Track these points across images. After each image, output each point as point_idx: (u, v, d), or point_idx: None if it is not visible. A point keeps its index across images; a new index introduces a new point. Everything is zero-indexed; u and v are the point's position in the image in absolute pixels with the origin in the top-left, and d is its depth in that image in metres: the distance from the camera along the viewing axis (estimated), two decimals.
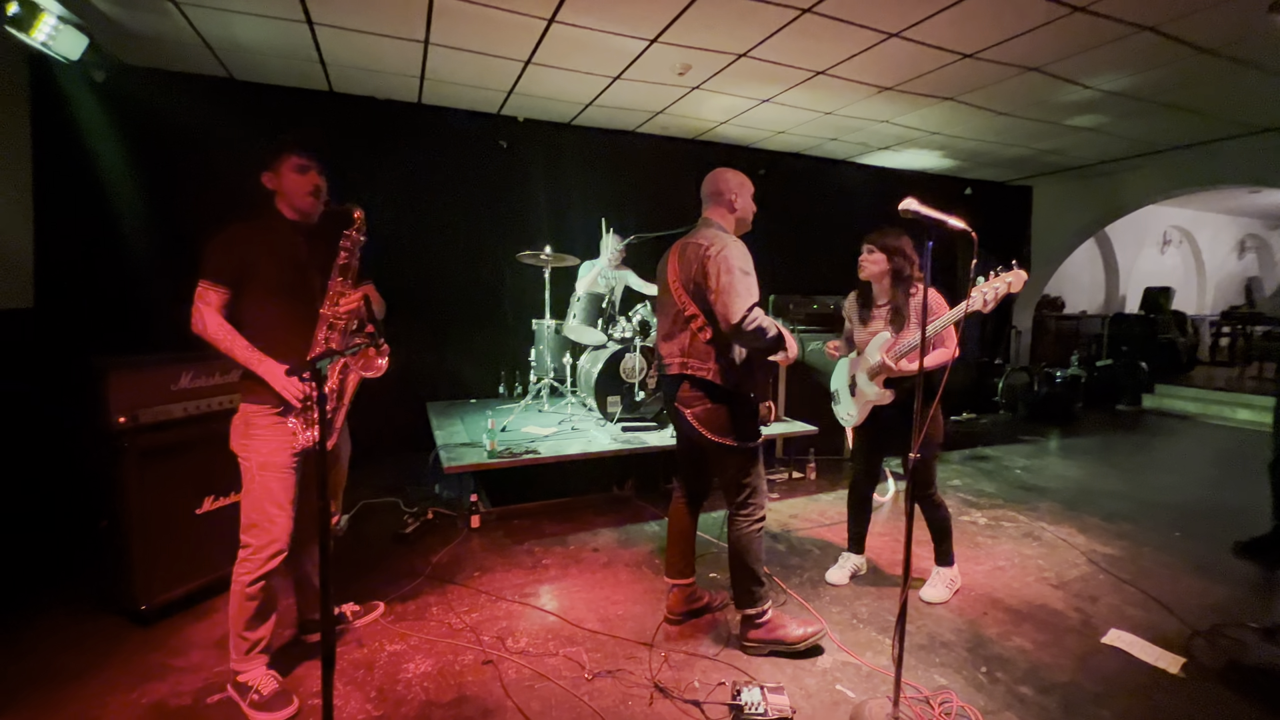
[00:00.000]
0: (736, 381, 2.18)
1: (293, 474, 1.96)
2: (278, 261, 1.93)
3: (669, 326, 2.29)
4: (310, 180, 1.96)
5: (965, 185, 6.87)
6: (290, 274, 1.94)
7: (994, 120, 4.73)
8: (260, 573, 1.92)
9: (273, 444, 1.93)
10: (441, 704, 1.96)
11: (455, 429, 4.02)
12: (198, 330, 1.87)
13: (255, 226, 1.96)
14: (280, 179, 1.95)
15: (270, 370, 1.86)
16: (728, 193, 2.29)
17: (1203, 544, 3.37)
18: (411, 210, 4.63)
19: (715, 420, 2.18)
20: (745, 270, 2.10)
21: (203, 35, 3.37)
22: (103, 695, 1.97)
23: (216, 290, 1.87)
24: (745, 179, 2.33)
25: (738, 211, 2.30)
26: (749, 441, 2.21)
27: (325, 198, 2.02)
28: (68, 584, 2.61)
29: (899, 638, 1.82)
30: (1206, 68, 3.63)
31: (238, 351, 1.86)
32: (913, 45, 3.37)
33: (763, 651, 2.25)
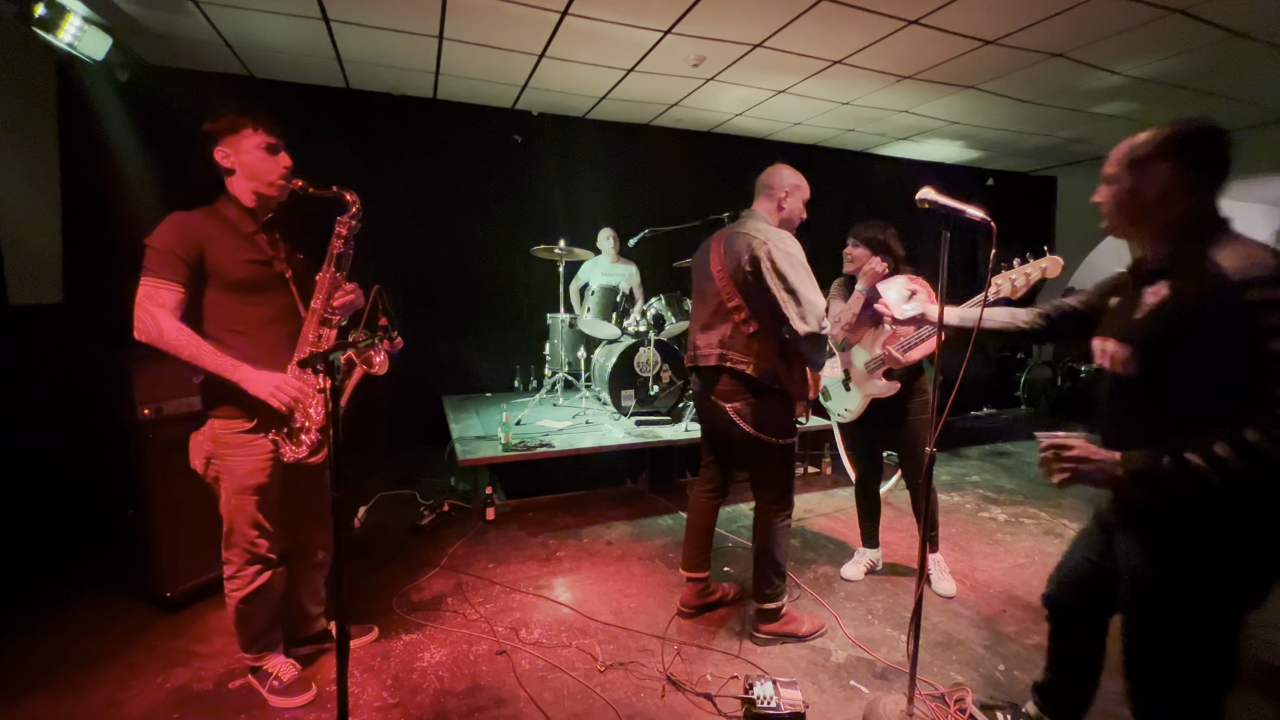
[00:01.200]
0: (776, 377, 2.15)
1: (273, 493, 1.79)
2: (239, 254, 1.71)
3: (708, 317, 2.25)
4: (282, 162, 1.74)
5: (987, 176, 6.73)
6: (255, 268, 1.74)
7: (1017, 109, 4.61)
8: (249, 590, 1.84)
9: (248, 465, 1.74)
10: (455, 693, 1.99)
11: (471, 422, 4.05)
12: (149, 338, 1.61)
13: (206, 213, 1.72)
14: (241, 156, 1.70)
15: (247, 376, 1.64)
16: (779, 189, 2.24)
17: None
18: (427, 205, 4.67)
19: (756, 415, 2.16)
20: (809, 271, 2.10)
21: (222, 34, 3.42)
22: (128, 679, 2.02)
23: (170, 288, 1.62)
24: (802, 181, 2.28)
25: (785, 211, 2.25)
26: (788, 437, 2.20)
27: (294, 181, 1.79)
28: (96, 571, 2.69)
29: (914, 633, 1.80)
30: (1240, 52, 3.50)
31: (205, 358, 1.62)
32: (933, 32, 3.30)
33: (773, 644, 2.27)
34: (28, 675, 2.03)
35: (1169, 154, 1.26)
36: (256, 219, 1.79)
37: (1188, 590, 1.22)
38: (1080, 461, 1.25)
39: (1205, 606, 1.22)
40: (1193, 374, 1.20)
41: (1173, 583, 1.24)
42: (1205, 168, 1.26)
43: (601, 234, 4.75)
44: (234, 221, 1.76)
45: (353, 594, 2.44)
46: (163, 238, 1.65)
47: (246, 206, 1.77)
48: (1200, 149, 1.25)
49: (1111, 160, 1.35)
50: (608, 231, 4.73)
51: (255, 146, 1.72)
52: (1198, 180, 1.26)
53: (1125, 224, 1.36)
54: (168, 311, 1.62)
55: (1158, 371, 1.25)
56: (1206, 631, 1.23)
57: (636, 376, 4.07)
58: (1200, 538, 1.21)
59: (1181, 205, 1.26)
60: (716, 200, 5.03)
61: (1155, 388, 1.26)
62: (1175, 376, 1.22)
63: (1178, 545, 1.24)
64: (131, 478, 2.38)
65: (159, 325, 1.61)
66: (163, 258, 1.63)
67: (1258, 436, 1.08)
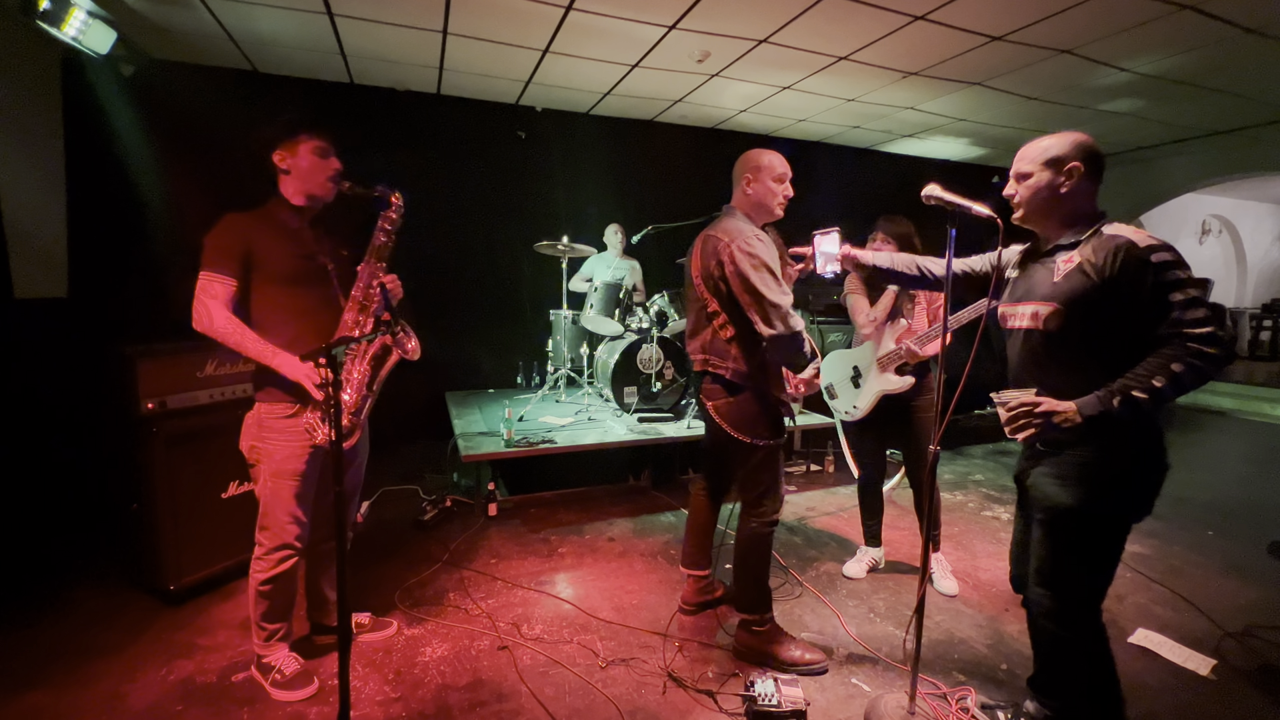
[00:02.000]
0: (754, 380, 2.09)
1: (309, 481, 1.89)
2: (285, 249, 1.82)
3: (694, 322, 2.22)
4: (332, 165, 1.88)
5: (994, 174, 6.69)
6: (300, 262, 1.85)
7: (1024, 105, 4.58)
8: (272, 574, 1.89)
9: (286, 450, 1.84)
10: (457, 687, 1.99)
11: (473, 418, 4.06)
12: (202, 327, 1.76)
13: (257, 214, 1.85)
14: (297, 159, 1.84)
15: (284, 362, 1.77)
16: (741, 176, 2.16)
17: (1236, 543, 3.26)
18: (430, 201, 4.65)
19: (734, 414, 2.11)
20: (773, 269, 1.99)
21: (226, 28, 3.42)
22: (132, 671, 2.03)
23: (222, 282, 1.76)
24: (767, 159, 2.15)
25: (752, 195, 2.14)
26: (767, 439, 2.12)
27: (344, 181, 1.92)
28: (101, 564, 2.70)
29: (916, 632, 1.79)
30: (1251, 49, 3.46)
31: (249, 346, 1.76)
32: (939, 28, 3.27)
33: (751, 659, 2.16)
34: (31, 667, 2.04)
35: (1080, 156, 1.53)
36: (303, 217, 1.92)
37: (1097, 507, 1.51)
38: (1048, 415, 1.48)
39: (1109, 518, 1.53)
40: (1106, 319, 1.47)
41: (1085, 502, 1.51)
42: (1099, 171, 1.55)
43: (608, 229, 4.76)
44: (283, 219, 1.88)
45: (356, 589, 2.44)
46: (218, 235, 1.79)
47: (295, 205, 1.90)
48: (1099, 158, 1.54)
49: (1025, 159, 1.59)
50: (614, 227, 4.74)
51: (309, 151, 1.85)
52: (1095, 180, 1.55)
53: (1038, 212, 1.60)
54: (220, 303, 1.76)
55: (1077, 320, 1.50)
56: (1108, 537, 1.55)
57: (639, 373, 4.07)
58: (1104, 465, 1.50)
59: (1084, 197, 1.55)
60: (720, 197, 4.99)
61: (1075, 334, 1.51)
62: (1092, 322, 1.49)
63: (1088, 473, 1.52)
64: (135, 471, 2.39)
65: (211, 316, 1.75)
66: (217, 253, 1.77)
67: (1181, 367, 1.38)
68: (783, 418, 2.15)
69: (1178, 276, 1.40)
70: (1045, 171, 1.55)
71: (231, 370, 2.57)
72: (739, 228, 2.07)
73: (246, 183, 1.85)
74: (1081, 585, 1.58)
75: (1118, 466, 1.49)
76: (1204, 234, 9.47)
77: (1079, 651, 1.60)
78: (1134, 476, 1.51)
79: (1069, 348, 1.53)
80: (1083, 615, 1.59)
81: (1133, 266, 1.42)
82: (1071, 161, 1.53)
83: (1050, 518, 1.58)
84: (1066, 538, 1.57)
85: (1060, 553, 1.59)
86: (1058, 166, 1.54)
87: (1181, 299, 1.39)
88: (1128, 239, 1.45)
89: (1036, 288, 1.60)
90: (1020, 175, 1.60)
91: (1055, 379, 1.54)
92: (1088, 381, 1.47)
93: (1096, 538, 1.54)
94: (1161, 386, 1.38)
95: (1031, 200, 1.59)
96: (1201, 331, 1.38)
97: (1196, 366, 1.37)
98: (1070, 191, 1.54)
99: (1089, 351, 1.50)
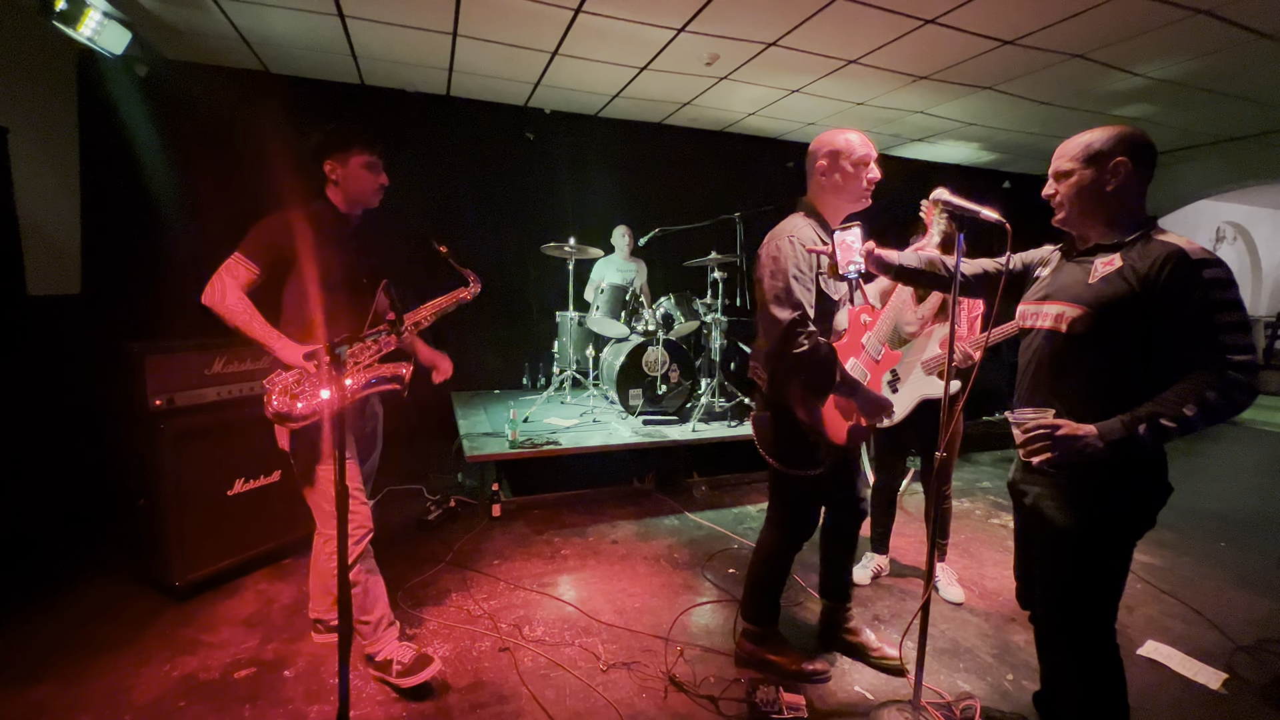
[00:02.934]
0: (778, 398, 1.90)
1: (354, 464, 1.98)
2: (326, 253, 1.90)
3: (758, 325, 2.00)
4: (380, 180, 1.97)
5: (1004, 179, 6.65)
6: (338, 268, 1.92)
7: (1035, 110, 4.55)
8: (351, 557, 1.90)
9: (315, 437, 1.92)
10: (458, 688, 1.99)
11: (478, 419, 4.06)
12: (211, 301, 1.79)
13: (304, 215, 1.92)
14: (346, 170, 1.92)
15: (284, 347, 1.81)
16: (813, 161, 1.91)
17: (1249, 555, 3.21)
18: (439, 202, 4.68)
19: (760, 431, 2.00)
20: (795, 273, 1.75)
21: (239, 29, 3.45)
22: (136, 666, 2.04)
23: (247, 266, 1.83)
24: (841, 141, 1.86)
25: (824, 184, 1.88)
26: (796, 468, 1.92)
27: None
28: (108, 559, 2.72)
29: (920, 640, 1.77)
30: (1267, 54, 3.42)
31: (255, 327, 1.80)
32: (950, 32, 3.26)
33: (753, 667, 2.11)
34: (35, 660, 2.06)
35: (1126, 151, 1.41)
36: (348, 224, 2.01)
37: (1098, 529, 1.43)
38: (1069, 440, 1.36)
39: (1115, 540, 1.45)
40: (1139, 331, 1.36)
41: (1086, 525, 1.44)
42: (1149, 167, 1.43)
43: (616, 231, 4.76)
44: (329, 223, 1.96)
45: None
46: (262, 226, 1.87)
47: (340, 212, 1.98)
48: (1148, 151, 1.42)
49: (1065, 156, 1.48)
50: (624, 229, 4.74)
51: (360, 165, 1.93)
52: (1143, 177, 1.43)
53: (1079, 213, 1.49)
54: (237, 285, 1.82)
55: (1106, 328, 1.39)
56: (1112, 557, 1.46)
57: (644, 376, 4.07)
58: (1104, 486, 1.41)
59: (1132, 196, 1.44)
60: (728, 200, 5.04)
61: (1101, 342, 1.41)
62: (1123, 333, 1.38)
63: (1088, 494, 1.43)
64: (143, 467, 2.41)
65: (224, 293, 1.80)
66: (254, 242, 1.85)
67: (1216, 395, 1.27)
68: (816, 446, 1.90)
69: (1228, 298, 1.29)
70: (1088, 169, 1.43)
71: (240, 368, 2.59)
72: (784, 225, 1.89)
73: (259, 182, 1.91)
74: (1089, 607, 1.49)
75: (1119, 486, 1.41)
76: (1218, 241, 9.36)
77: (1089, 675, 1.51)
78: (1136, 497, 1.42)
79: (1091, 356, 1.42)
80: (1093, 638, 1.49)
81: (1181, 278, 1.30)
82: (1116, 157, 1.40)
83: (1052, 542, 1.50)
84: (1070, 561, 1.48)
85: (1065, 576, 1.50)
86: (1101, 163, 1.42)
87: (1229, 321, 1.28)
88: (1180, 248, 1.33)
89: (1067, 288, 1.48)
90: (1059, 174, 1.49)
91: (1068, 388, 1.45)
92: (1102, 395, 1.38)
93: (1100, 559, 1.46)
94: (1192, 416, 1.27)
95: (1073, 201, 1.47)
96: (1243, 359, 1.28)
97: (1234, 397, 1.27)
98: (1116, 190, 1.42)
99: (1112, 363, 1.40)
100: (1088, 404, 1.40)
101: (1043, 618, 1.60)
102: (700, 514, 3.54)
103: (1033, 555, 1.63)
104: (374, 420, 2.19)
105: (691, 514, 3.53)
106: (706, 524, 3.39)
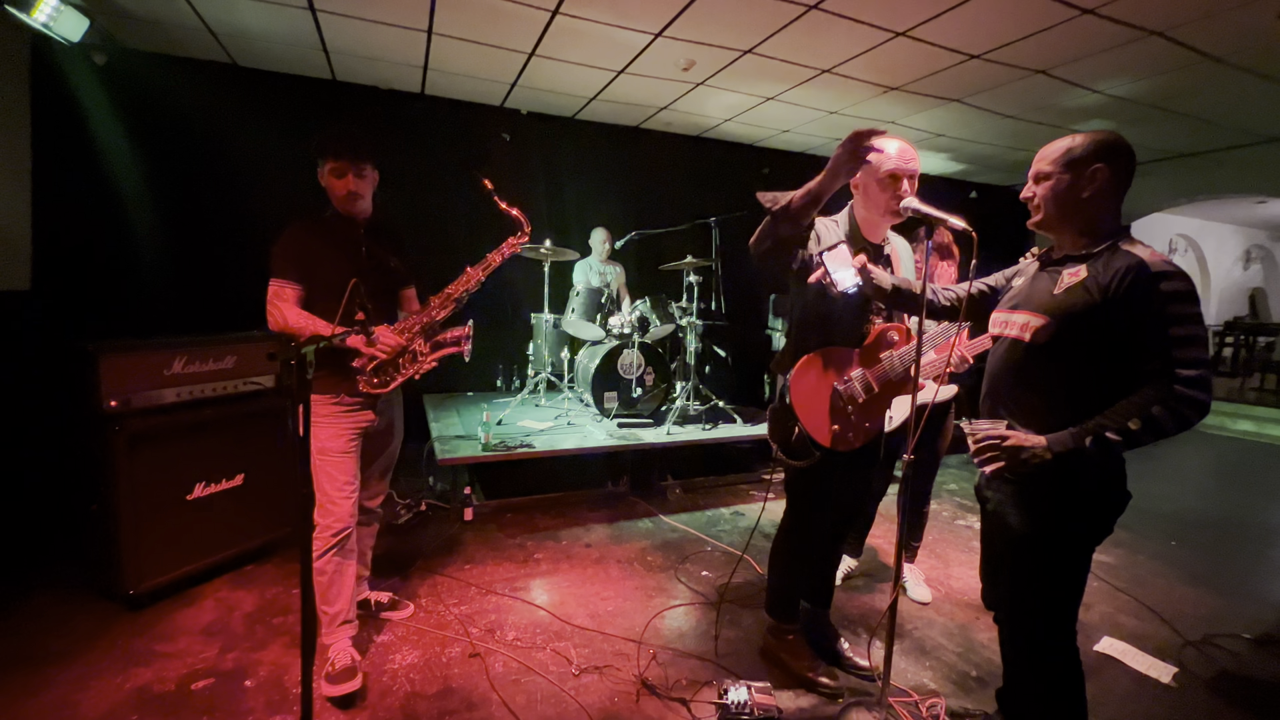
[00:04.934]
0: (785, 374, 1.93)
1: (350, 458, 2.02)
2: (334, 260, 1.97)
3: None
4: (345, 185, 1.98)
5: (970, 189, 6.84)
6: (346, 271, 1.91)
7: (1000, 123, 4.69)
8: (324, 548, 1.96)
9: (328, 430, 1.98)
10: (426, 695, 1.95)
11: (451, 421, 4.01)
12: (278, 327, 1.91)
13: (314, 224, 2.01)
14: (324, 178, 2.00)
15: (355, 340, 1.91)
16: None
17: (1198, 554, 3.35)
18: (412, 201, 4.61)
19: (770, 422, 2.01)
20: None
21: (205, 20, 3.35)
22: (85, 679, 1.96)
23: (291, 287, 1.93)
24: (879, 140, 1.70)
25: (858, 193, 1.89)
26: (793, 458, 1.94)
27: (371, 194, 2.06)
28: (56, 567, 2.60)
29: (888, 639, 1.80)
30: (1215, 75, 3.59)
31: (322, 331, 1.88)
32: (920, 45, 3.34)
33: (769, 662, 2.18)
34: None
35: (1104, 157, 1.41)
36: (355, 229, 2.06)
37: (1056, 533, 1.46)
38: (1015, 450, 1.41)
39: (1073, 547, 1.47)
40: (1098, 342, 1.37)
41: (1044, 530, 1.47)
42: (1126, 175, 1.43)
43: (596, 233, 4.76)
44: (338, 230, 2.04)
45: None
46: (283, 245, 1.96)
47: (345, 217, 2.05)
48: (1126, 159, 1.42)
49: (1045, 159, 1.48)
50: (604, 233, 4.74)
51: (328, 173, 1.99)
52: (1120, 185, 1.43)
53: (1055, 217, 1.49)
54: (290, 304, 1.93)
55: (1067, 338, 1.41)
56: (1071, 561, 1.49)
57: (620, 379, 4.06)
58: (1063, 493, 1.43)
59: (1106, 204, 1.44)
60: (704, 204, 5.07)
61: (1062, 353, 1.42)
62: (1082, 344, 1.39)
63: (1046, 501, 1.46)
64: (95, 471, 2.31)
65: (284, 316, 1.91)
66: (283, 262, 1.94)
67: (1161, 411, 1.29)
68: (803, 443, 1.91)
69: (1182, 311, 1.29)
70: (1065, 174, 1.43)
71: (201, 369, 2.51)
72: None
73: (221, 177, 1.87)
74: (1049, 609, 1.52)
75: (1077, 493, 1.43)
76: (1170, 253, 9.79)
77: (1049, 673, 1.56)
78: (1094, 504, 1.45)
79: (1053, 366, 1.44)
80: (1053, 638, 1.53)
81: (1139, 291, 1.31)
82: (1094, 164, 1.40)
83: (1013, 546, 1.54)
84: (1030, 565, 1.52)
85: (1025, 579, 1.54)
86: (1079, 169, 1.42)
87: (1180, 335, 1.28)
88: (1141, 259, 1.33)
89: (1034, 297, 1.51)
90: (1039, 176, 1.49)
91: (1029, 397, 1.48)
92: (1063, 405, 1.40)
93: (1058, 564, 1.49)
94: (1137, 430, 1.30)
95: (1050, 205, 1.47)
96: (1192, 374, 1.27)
97: (1179, 413, 1.28)
98: (1092, 196, 1.42)
99: (1072, 374, 1.42)
100: (1048, 413, 1.42)
101: (1005, 618, 1.64)
102: (674, 517, 3.54)
103: (996, 558, 1.67)
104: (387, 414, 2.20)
105: (665, 517, 3.53)
106: (681, 527, 3.40)
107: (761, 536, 3.28)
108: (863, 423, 1.93)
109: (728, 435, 4.00)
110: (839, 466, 1.96)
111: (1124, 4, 2.81)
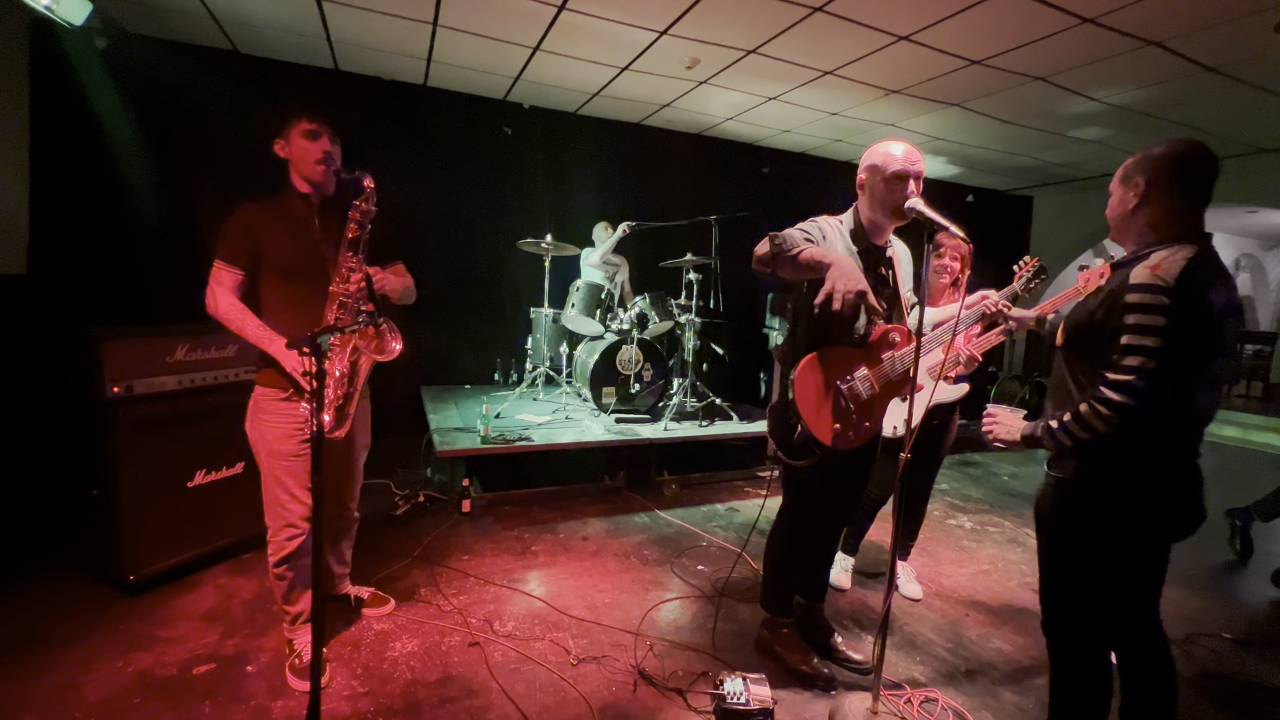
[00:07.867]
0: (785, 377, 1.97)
1: (301, 461, 1.92)
2: (289, 240, 1.87)
3: None
4: (320, 146, 1.86)
5: (968, 192, 6.90)
6: (302, 252, 1.89)
7: (999, 128, 4.74)
8: (281, 555, 1.92)
9: (278, 430, 1.89)
10: (427, 683, 1.98)
11: (449, 414, 4.02)
12: (211, 311, 1.85)
13: (268, 205, 1.90)
14: (290, 146, 1.88)
15: (280, 349, 1.82)
16: (860, 169, 1.94)
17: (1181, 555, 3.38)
18: (413, 193, 4.61)
19: (771, 420, 2.05)
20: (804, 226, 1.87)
21: (208, 6, 3.34)
22: (87, 663, 1.97)
23: (230, 271, 1.85)
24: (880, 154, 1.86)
25: (864, 195, 1.93)
26: (790, 457, 1.96)
27: (338, 167, 1.89)
28: (58, 553, 2.61)
29: (881, 634, 1.84)
30: (1210, 86, 3.65)
31: (249, 330, 1.83)
32: (922, 49, 3.37)
33: (764, 655, 2.22)
34: None
35: (1146, 172, 1.45)
36: (311, 206, 1.93)
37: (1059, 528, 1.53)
38: (995, 425, 1.61)
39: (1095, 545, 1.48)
40: (1096, 345, 1.43)
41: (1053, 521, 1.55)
42: (1180, 181, 1.42)
43: (597, 227, 4.77)
44: (292, 209, 1.92)
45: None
46: (230, 227, 1.86)
47: (302, 193, 1.93)
48: (1173, 167, 1.42)
49: (1114, 176, 1.55)
50: (604, 225, 4.75)
51: (299, 135, 1.88)
52: (1170, 193, 1.43)
53: (1115, 230, 1.57)
54: (226, 290, 1.85)
55: (1076, 341, 1.50)
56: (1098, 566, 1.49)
57: (618, 374, 4.09)
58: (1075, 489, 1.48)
59: (1155, 213, 1.44)
60: (704, 202, 5.10)
61: (1073, 354, 1.52)
62: (1085, 346, 1.47)
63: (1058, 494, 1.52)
64: (97, 456, 2.32)
65: (216, 301, 1.85)
66: (227, 244, 1.86)
67: (1087, 409, 1.36)
68: (804, 442, 1.92)
69: (1139, 321, 1.31)
70: (1119, 188, 1.51)
71: (203, 356, 2.51)
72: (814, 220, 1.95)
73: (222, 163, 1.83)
74: (1067, 610, 1.54)
75: (1090, 492, 1.44)
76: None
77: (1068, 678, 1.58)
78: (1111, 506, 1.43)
79: (1066, 366, 1.53)
80: (1075, 647, 1.54)
81: (1117, 299, 1.37)
82: (1136, 177, 1.45)
83: (1040, 535, 1.61)
84: (1051, 558, 1.58)
85: (1046, 573, 1.60)
86: (1125, 184, 1.49)
87: (1128, 343, 1.32)
88: (1139, 268, 1.35)
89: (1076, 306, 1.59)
90: (1111, 190, 1.56)
91: (1055, 393, 1.58)
92: (1066, 402, 1.48)
93: (1081, 563, 1.49)
94: (1066, 423, 1.40)
95: (1110, 219, 1.55)
96: (1118, 378, 1.31)
97: (1096, 412, 1.33)
98: (1137, 209, 1.46)
99: (1075, 374, 1.50)
100: (1062, 410, 1.49)
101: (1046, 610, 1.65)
102: (670, 512, 3.58)
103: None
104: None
105: (662, 512, 3.57)
106: (676, 522, 3.44)
107: (758, 534, 3.33)
108: (863, 422, 1.96)
109: (724, 432, 4.04)
110: (837, 465, 1.99)
111: (1124, 14, 2.86)
